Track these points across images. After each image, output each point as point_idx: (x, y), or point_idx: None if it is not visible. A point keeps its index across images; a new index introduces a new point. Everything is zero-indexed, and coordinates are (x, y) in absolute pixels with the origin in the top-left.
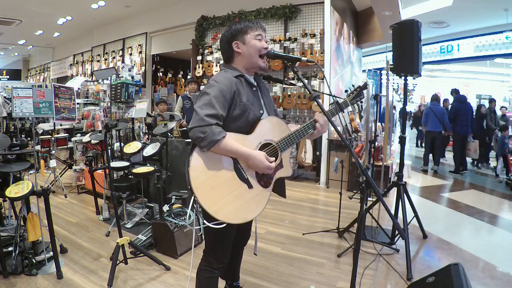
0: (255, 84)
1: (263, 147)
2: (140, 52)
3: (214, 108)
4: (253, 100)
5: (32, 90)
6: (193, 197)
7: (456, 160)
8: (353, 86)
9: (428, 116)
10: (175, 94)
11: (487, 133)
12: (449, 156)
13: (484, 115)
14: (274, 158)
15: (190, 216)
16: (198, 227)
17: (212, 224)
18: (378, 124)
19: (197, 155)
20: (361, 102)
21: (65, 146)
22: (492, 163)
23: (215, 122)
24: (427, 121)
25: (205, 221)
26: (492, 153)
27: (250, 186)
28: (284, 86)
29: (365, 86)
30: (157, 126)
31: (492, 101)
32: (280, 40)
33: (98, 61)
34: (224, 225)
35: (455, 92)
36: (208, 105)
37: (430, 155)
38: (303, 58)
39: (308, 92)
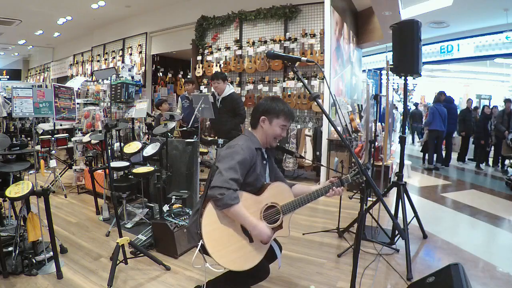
0: (266, 158)
1: (268, 208)
2: (140, 52)
3: (237, 173)
4: (261, 171)
5: (32, 90)
6: (200, 242)
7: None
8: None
9: (434, 116)
10: (175, 94)
11: (496, 135)
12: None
13: (489, 116)
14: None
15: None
16: (200, 266)
17: (211, 266)
18: (378, 124)
19: (211, 208)
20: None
21: (65, 146)
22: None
23: (235, 187)
24: (433, 120)
25: (207, 264)
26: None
27: (251, 240)
28: (284, 86)
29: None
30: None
31: (507, 101)
32: (280, 40)
33: (98, 61)
34: (224, 270)
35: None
36: (233, 170)
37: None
38: (303, 58)
39: (308, 92)
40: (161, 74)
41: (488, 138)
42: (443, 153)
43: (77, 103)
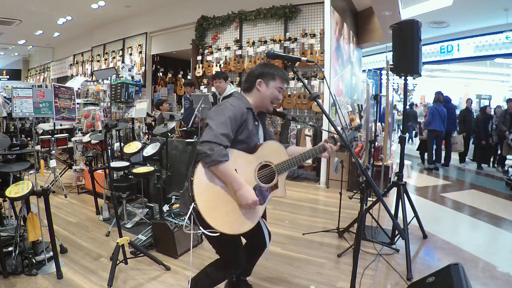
0: (258, 120)
1: (262, 167)
2: (140, 52)
3: (227, 128)
4: (254, 130)
5: (32, 90)
6: (192, 204)
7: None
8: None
9: (433, 116)
10: (175, 94)
11: (498, 135)
12: (455, 157)
13: (491, 116)
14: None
15: (187, 221)
16: (194, 231)
17: (207, 232)
18: (378, 124)
19: (201, 167)
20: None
21: (65, 146)
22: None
23: (226, 144)
24: (433, 120)
25: (201, 228)
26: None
27: None
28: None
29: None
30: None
31: (510, 100)
32: (280, 40)
33: (98, 61)
34: (218, 234)
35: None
36: (224, 125)
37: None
38: (303, 58)
39: (308, 92)
40: (161, 74)
41: (488, 138)
42: (443, 153)
43: (77, 103)
